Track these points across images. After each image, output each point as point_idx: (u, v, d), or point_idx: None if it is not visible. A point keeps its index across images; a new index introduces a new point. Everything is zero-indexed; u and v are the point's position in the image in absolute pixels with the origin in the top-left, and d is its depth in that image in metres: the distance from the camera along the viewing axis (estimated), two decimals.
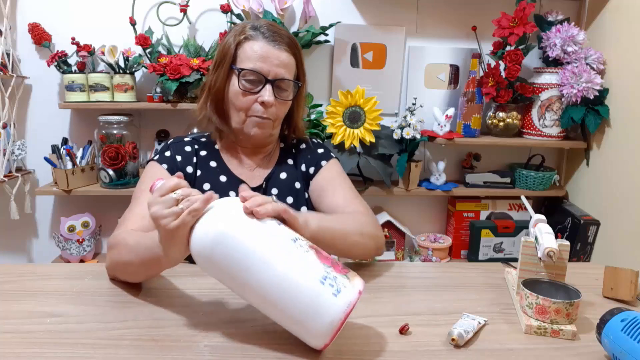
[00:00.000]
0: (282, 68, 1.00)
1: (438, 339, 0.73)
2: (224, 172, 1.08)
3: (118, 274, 0.88)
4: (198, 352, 0.68)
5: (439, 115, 1.89)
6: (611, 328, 0.66)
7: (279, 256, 0.65)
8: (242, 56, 1.00)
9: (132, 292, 0.86)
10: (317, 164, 1.12)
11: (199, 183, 1.06)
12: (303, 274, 0.64)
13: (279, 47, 1.00)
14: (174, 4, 1.82)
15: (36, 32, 1.77)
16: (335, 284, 0.64)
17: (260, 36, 1.00)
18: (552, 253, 0.79)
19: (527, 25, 1.77)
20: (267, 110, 1.00)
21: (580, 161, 2.00)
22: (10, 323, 0.75)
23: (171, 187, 0.69)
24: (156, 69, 1.70)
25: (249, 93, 1.00)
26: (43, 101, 1.88)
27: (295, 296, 0.63)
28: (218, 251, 0.65)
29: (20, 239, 2.00)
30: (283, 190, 1.08)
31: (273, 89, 0.99)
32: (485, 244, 2.01)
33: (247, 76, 0.99)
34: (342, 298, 0.63)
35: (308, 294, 0.63)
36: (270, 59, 0.98)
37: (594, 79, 1.76)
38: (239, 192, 0.72)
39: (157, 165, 1.04)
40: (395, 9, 1.95)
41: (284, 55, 1.00)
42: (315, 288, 0.63)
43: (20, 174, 1.81)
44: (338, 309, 0.63)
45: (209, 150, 1.10)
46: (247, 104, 1.00)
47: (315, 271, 0.64)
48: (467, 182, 2.02)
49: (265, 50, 0.99)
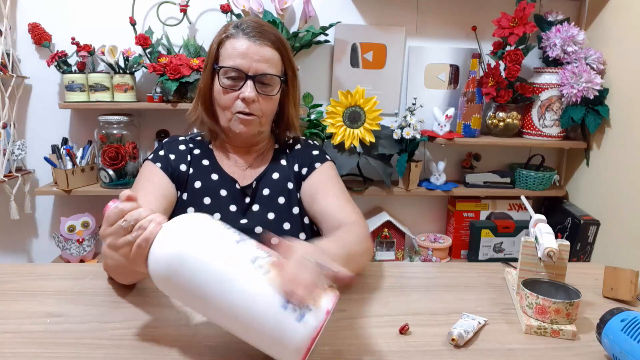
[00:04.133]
0: (264, 63, 0.99)
1: (438, 339, 0.73)
2: (215, 171, 1.08)
3: (112, 276, 0.90)
4: (198, 352, 0.68)
5: (439, 115, 1.89)
6: (611, 328, 0.66)
7: (233, 286, 0.60)
8: (224, 55, 1.00)
9: (132, 292, 0.86)
10: (311, 165, 1.11)
11: (192, 181, 1.06)
12: (263, 301, 0.59)
13: (260, 42, 0.99)
14: (174, 4, 1.82)
15: (36, 32, 1.77)
16: (299, 308, 0.59)
17: (241, 33, 1.00)
18: (552, 253, 0.79)
19: (527, 25, 1.78)
20: (250, 106, 1.00)
21: (580, 161, 2.00)
22: (10, 323, 0.75)
23: (117, 214, 0.65)
24: (156, 69, 1.70)
25: (230, 90, 1.00)
26: (43, 101, 1.88)
27: (256, 325, 0.60)
28: (173, 275, 0.62)
29: (20, 239, 2.00)
30: (275, 190, 1.08)
31: (255, 84, 0.99)
32: (485, 244, 2.01)
33: (228, 73, 0.99)
34: (307, 323, 0.58)
35: (269, 322, 0.59)
36: (250, 55, 0.98)
37: (594, 79, 1.76)
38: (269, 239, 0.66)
39: (151, 164, 1.05)
40: (395, 9, 1.95)
41: (265, 50, 1.00)
42: (275, 316, 0.59)
43: (20, 174, 1.81)
44: (303, 335, 0.58)
45: (202, 149, 1.11)
46: (230, 101, 1.01)
47: (275, 297, 0.59)
48: (467, 182, 2.02)
49: (245, 46, 0.98)
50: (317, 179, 1.09)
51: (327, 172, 1.11)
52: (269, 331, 0.59)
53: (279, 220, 1.05)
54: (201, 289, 0.61)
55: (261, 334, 0.60)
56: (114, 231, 0.65)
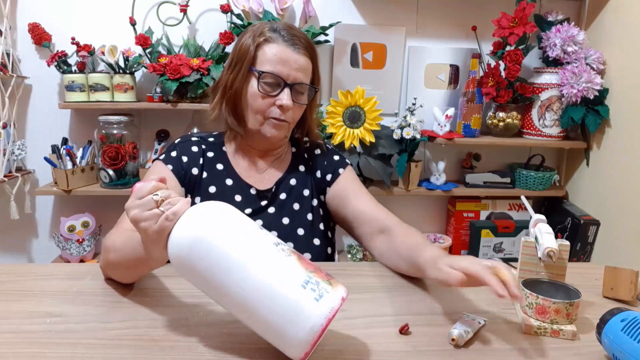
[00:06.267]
0: (301, 72, 1.00)
1: (438, 339, 0.73)
2: (230, 176, 1.07)
3: (110, 274, 0.88)
4: (198, 352, 0.68)
5: (439, 115, 1.89)
6: (611, 328, 0.66)
7: (258, 260, 0.63)
8: (262, 58, 0.99)
9: (132, 292, 0.86)
10: (335, 171, 1.12)
11: (205, 186, 1.05)
12: (283, 277, 0.62)
13: (298, 50, 0.99)
14: (174, 4, 1.82)
15: (36, 32, 1.77)
16: (318, 288, 0.61)
17: (280, 39, 0.99)
18: (552, 253, 0.79)
19: (527, 25, 1.77)
20: (285, 114, 1.01)
21: (580, 161, 2.00)
22: (10, 323, 0.75)
23: (150, 189, 0.67)
24: (156, 69, 1.70)
25: (267, 96, 0.99)
26: (43, 101, 1.88)
27: (274, 300, 0.61)
28: (194, 255, 0.63)
29: (20, 239, 2.00)
30: (291, 195, 1.08)
31: (291, 92, 0.99)
32: (485, 244, 2.01)
33: (267, 79, 0.99)
34: (324, 303, 0.60)
35: (288, 298, 0.60)
36: (289, 63, 0.98)
37: (594, 79, 1.76)
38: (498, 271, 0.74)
39: (162, 165, 1.03)
40: (395, 9, 1.95)
41: (302, 59, 1.00)
42: (295, 292, 0.61)
43: (20, 174, 1.81)
44: (320, 313, 0.60)
45: (216, 151, 1.09)
46: (265, 106, 1.00)
47: (296, 275, 0.62)
48: (467, 182, 2.02)
49: (284, 53, 0.98)
50: (344, 183, 1.11)
51: (352, 175, 1.13)
52: (285, 309, 0.60)
53: (293, 226, 1.06)
54: (221, 267, 0.62)
55: (278, 311, 0.61)
56: (142, 203, 0.66)
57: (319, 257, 1.06)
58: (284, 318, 0.61)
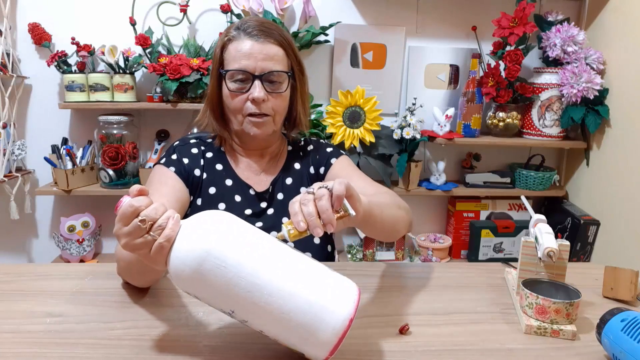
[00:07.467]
0: (269, 61, 0.98)
1: (438, 339, 0.73)
2: (229, 176, 1.07)
3: (127, 280, 0.88)
4: (198, 352, 0.68)
5: (439, 115, 1.89)
6: (611, 328, 0.66)
7: (277, 257, 0.61)
8: (228, 58, 0.99)
9: (132, 292, 0.86)
10: (327, 162, 1.11)
11: (205, 187, 1.05)
12: (309, 270, 0.61)
13: (263, 40, 0.98)
14: (174, 4, 1.82)
15: (36, 32, 1.77)
16: (336, 284, 0.61)
17: (242, 34, 0.99)
18: (552, 253, 0.79)
19: (527, 25, 1.78)
20: (261, 107, 0.99)
21: (580, 161, 2.00)
22: (10, 323, 0.75)
23: (132, 212, 0.59)
24: (156, 69, 1.70)
25: (239, 93, 0.99)
26: (43, 101, 1.88)
27: (295, 303, 0.59)
28: (204, 270, 0.58)
29: (20, 239, 2.00)
30: (288, 195, 1.08)
31: (263, 83, 0.98)
32: (485, 244, 2.01)
33: (235, 76, 0.98)
34: (346, 302, 0.60)
35: (310, 297, 0.59)
36: (254, 55, 0.97)
37: (594, 79, 1.76)
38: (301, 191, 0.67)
39: (164, 168, 1.03)
40: (395, 9, 1.95)
41: (269, 47, 0.98)
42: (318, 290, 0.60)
43: (20, 174, 1.81)
44: (344, 312, 0.59)
45: (215, 152, 1.09)
46: (240, 104, 1.00)
47: (315, 274, 0.62)
48: (467, 182, 2.02)
49: (248, 47, 0.97)
50: (336, 171, 1.09)
51: (346, 163, 1.12)
52: (307, 312, 0.59)
53: None
54: (234, 279, 0.58)
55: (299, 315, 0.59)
56: (129, 231, 0.59)
57: (319, 255, 1.06)
58: (307, 318, 0.59)
